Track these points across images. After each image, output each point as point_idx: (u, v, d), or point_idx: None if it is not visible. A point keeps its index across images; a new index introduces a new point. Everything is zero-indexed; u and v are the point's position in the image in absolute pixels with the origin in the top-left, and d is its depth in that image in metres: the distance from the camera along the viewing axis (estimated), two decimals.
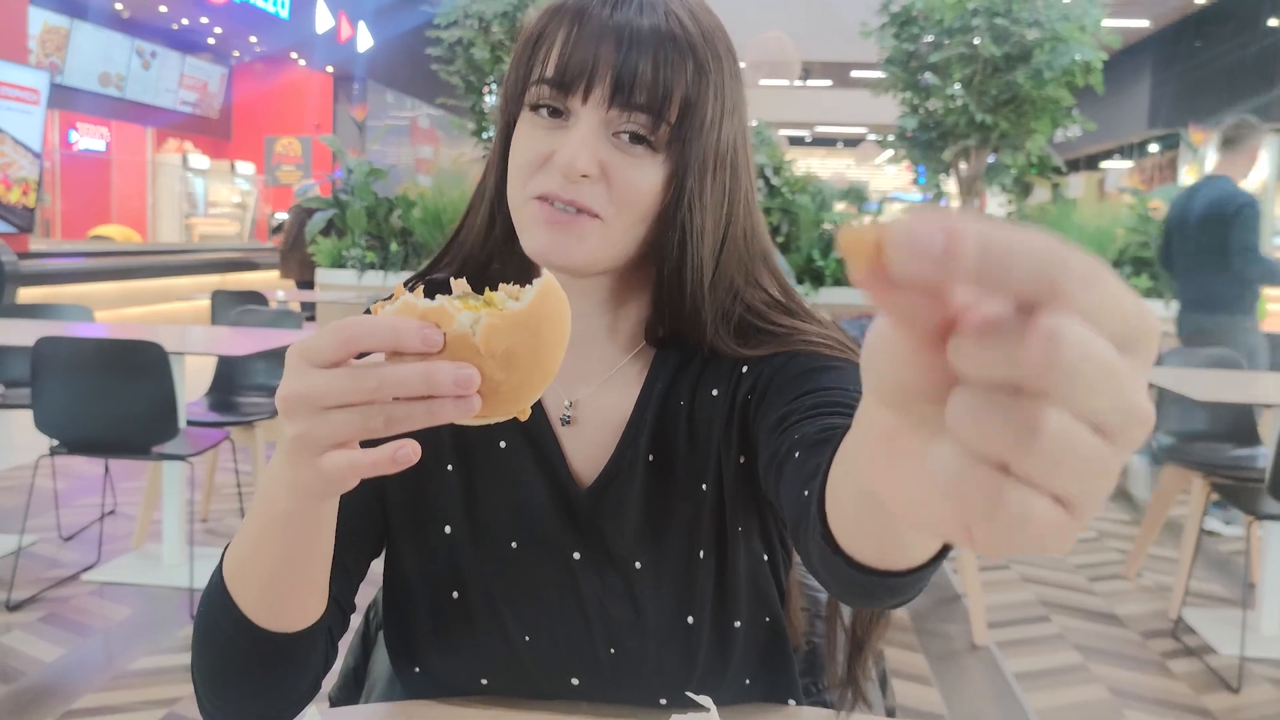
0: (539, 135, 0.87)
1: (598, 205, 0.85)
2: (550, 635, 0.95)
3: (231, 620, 0.78)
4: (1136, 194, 7.67)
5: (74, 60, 13.64)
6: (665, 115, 0.85)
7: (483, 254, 0.97)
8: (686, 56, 0.86)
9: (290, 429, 0.60)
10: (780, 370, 0.92)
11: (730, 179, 0.92)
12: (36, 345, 3.26)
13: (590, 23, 0.85)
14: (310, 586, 0.77)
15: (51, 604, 3.48)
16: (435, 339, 0.56)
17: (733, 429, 0.94)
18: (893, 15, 6.79)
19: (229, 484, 4.84)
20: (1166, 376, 3.79)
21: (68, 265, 9.23)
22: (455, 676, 0.97)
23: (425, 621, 0.97)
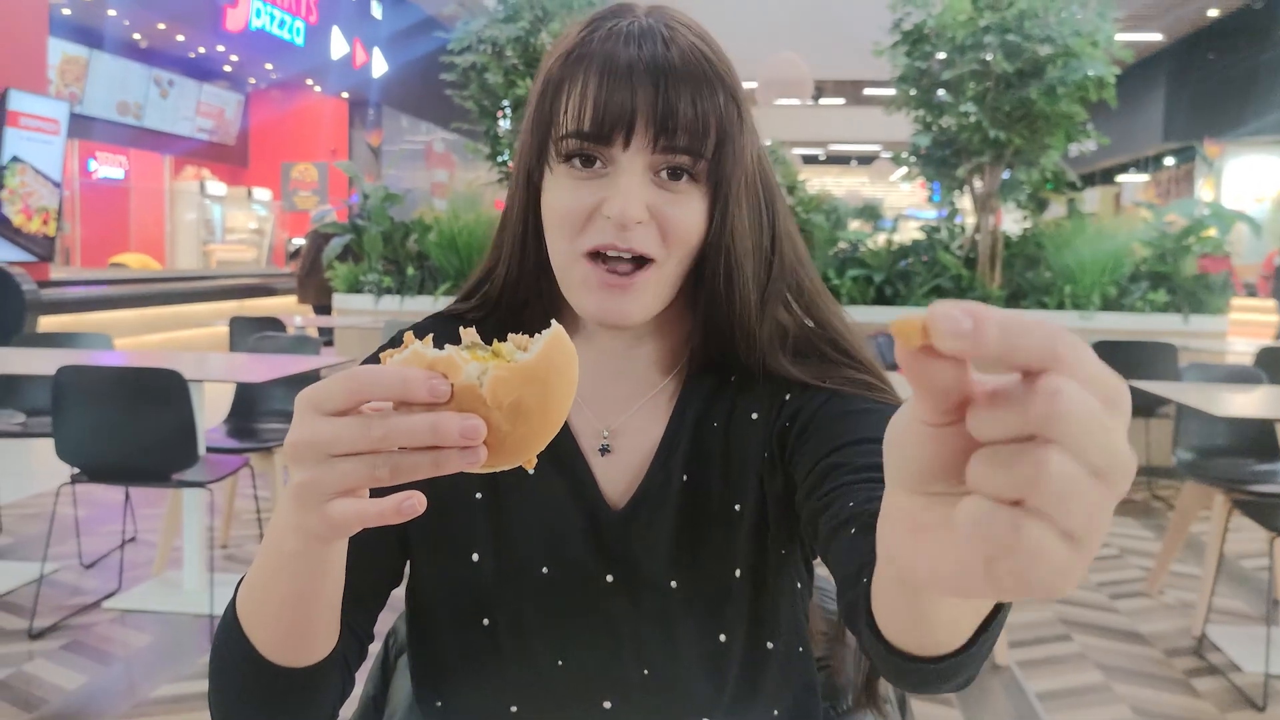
0: (577, 188, 0.86)
1: (651, 249, 0.86)
2: (582, 660, 0.94)
3: (245, 655, 0.78)
4: (1153, 208, 7.65)
5: (93, 90, 13.79)
6: (703, 150, 0.85)
7: (516, 300, 0.98)
8: (717, 87, 0.86)
9: (298, 475, 0.60)
10: (823, 407, 0.92)
11: (765, 194, 0.93)
12: (58, 374, 3.29)
13: (618, 66, 0.84)
14: (320, 623, 0.78)
15: (73, 632, 3.50)
16: (443, 390, 0.57)
17: (774, 455, 0.95)
18: (904, 34, 6.79)
19: (248, 510, 4.86)
20: (1187, 392, 3.77)
21: (87, 293, 9.31)
22: (483, 706, 0.96)
23: (453, 651, 0.97)
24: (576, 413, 0.98)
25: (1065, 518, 0.37)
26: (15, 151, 8.31)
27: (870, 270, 7.00)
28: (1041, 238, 7.01)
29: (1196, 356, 5.80)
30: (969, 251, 7.09)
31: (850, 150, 27.67)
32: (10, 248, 8.36)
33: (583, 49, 0.87)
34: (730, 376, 0.98)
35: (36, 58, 8.81)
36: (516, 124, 7.09)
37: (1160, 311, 6.61)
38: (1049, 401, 0.37)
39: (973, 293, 6.70)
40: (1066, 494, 0.37)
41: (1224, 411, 3.47)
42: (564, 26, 6.63)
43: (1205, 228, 6.76)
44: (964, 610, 0.59)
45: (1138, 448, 6.13)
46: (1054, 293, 6.71)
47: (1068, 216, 7.17)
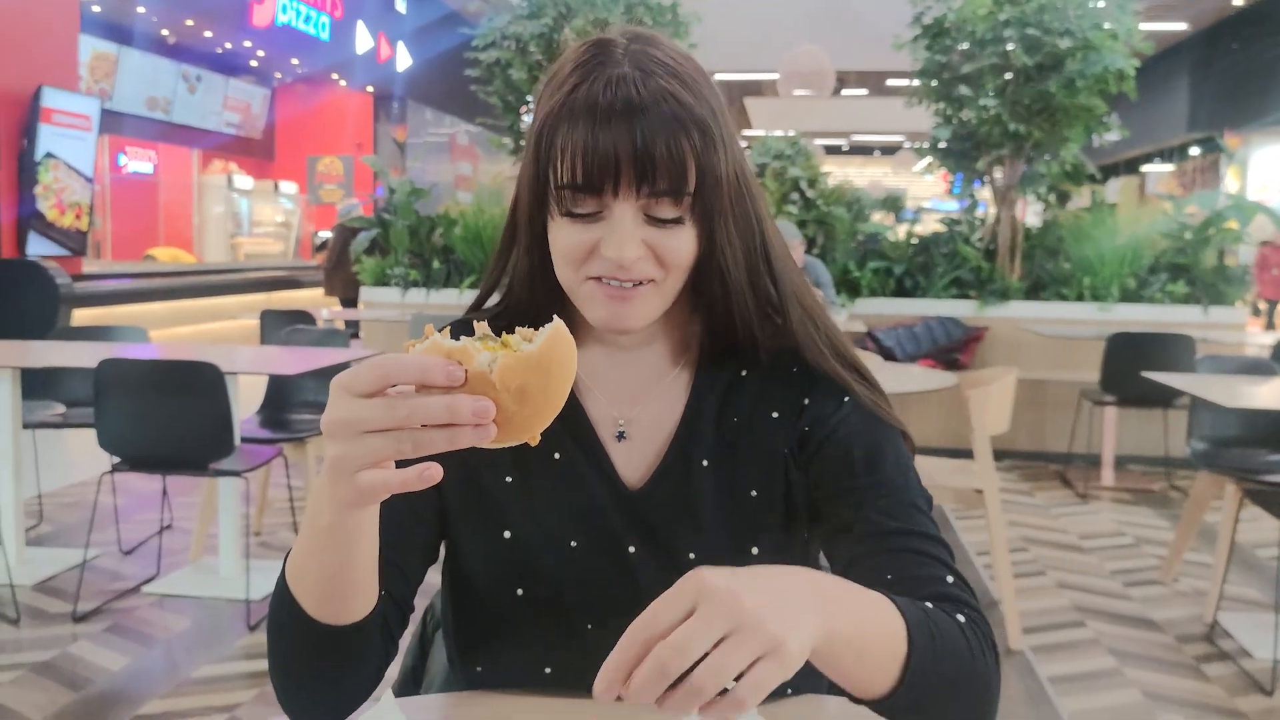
0: (578, 230, 0.96)
1: (650, 273, 0.96)
2: (609, 624, 1.03)
3: (294, 616, 0.89)
4: (1173, 200, 7.66)
5: (122, 86, 13.98)
6: (685, 190, 0.94)
7: (531, 308, 1.07)
8: (690, 127, 0.93)
9: (332, 450, 0.71)
10: (842, 423, 1.05)
11: (750, 205, 1.02)
12: (99, 367, 3.41)
13: (599, 122, 0.92)
14: (359, 584, 0.88)
15: (115, 615, 3.63)
16: (458, 375, 0.67)
17: (794, 452, 1.06)
18: (925, 28, 6.83)
19: (281, 499, 4.98)
20: (1199, 383, 3.83)
21: (119, 286, 9.47)
22: (520, 668, 1.06)
23: (490, 620, 1.06)
24: (593, 403, 1.08)
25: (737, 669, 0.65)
26: (48, 148, 8.46)
27: (890, 262, 7.05)
28: (1061, 230, 7.04)
29: (1215, 349, 5.84)
30: (989, 243, 7.13)
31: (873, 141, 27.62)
32: (44, 242, 8.51)
33: (570, 103, 0.94)
34: (741, 371, 1.08)
35: (68, 55, 8.96)
36: None
37: (1180, 303, 6.64)
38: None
39: (992, 284, 6.75)
40: (723, 670, 0.65)
41: (1236, 403, 3.53)
42: (586, 23, 6.73)
43: (1226, 219, 6.78)
44: (879, 665, 0.79)
45: (1154, 438, 6.19)
46: (1073, 284, 6.75)
47: (1090, 208, 7.20)
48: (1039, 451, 6.54)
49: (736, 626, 0.66)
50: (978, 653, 0.89)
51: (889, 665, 0.81)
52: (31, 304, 7.49)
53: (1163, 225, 6.97)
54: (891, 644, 0.81)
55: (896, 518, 0.99)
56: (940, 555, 0.98)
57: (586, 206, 0.95)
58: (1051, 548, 4.65)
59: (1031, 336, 6.50)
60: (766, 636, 0.66)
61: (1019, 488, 5.84)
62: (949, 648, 0.85)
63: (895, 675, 0.81)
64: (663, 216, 0.95)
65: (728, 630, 0.66)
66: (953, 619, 0.89)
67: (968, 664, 0.87)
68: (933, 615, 0.87)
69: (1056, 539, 4.80)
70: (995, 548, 3.52)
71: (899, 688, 0.81)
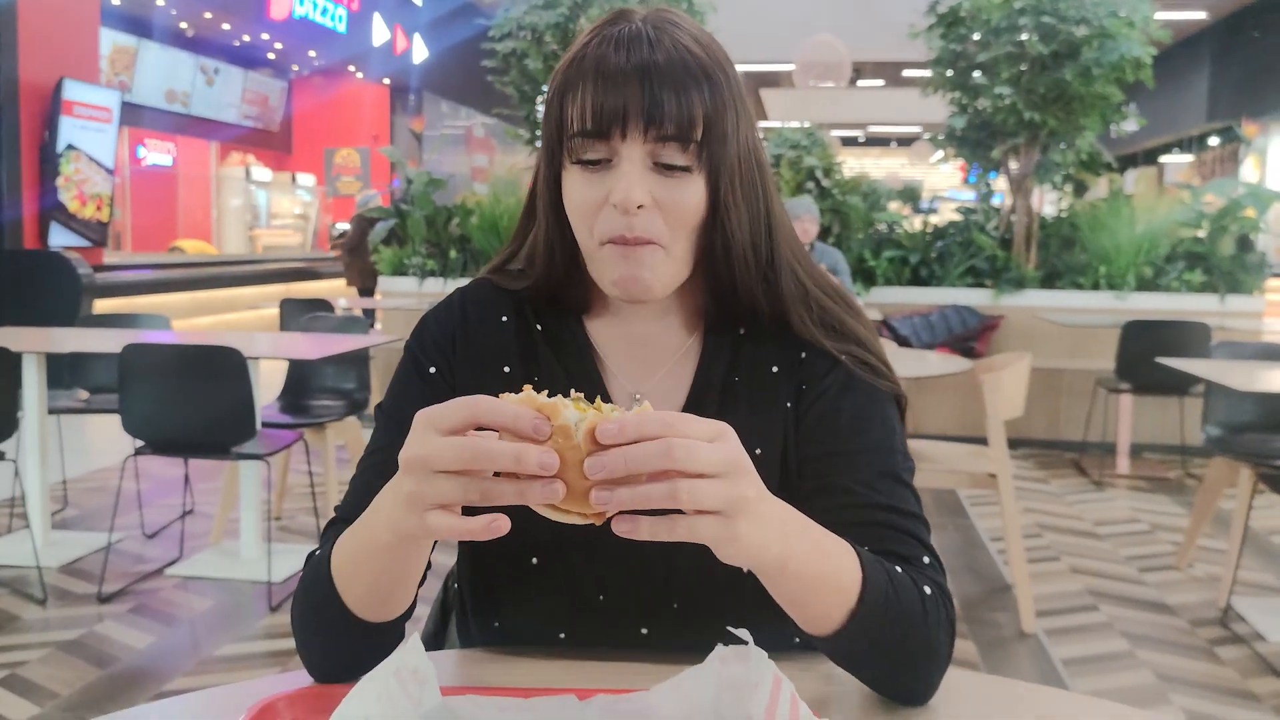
0: (589, 180, 0.98)
1: (656, 233, 0.98)
2: (621, 593, 1.06)
3: (332, 603, 0.93)
4: (1190, 189, 7.64)
5: (141, 78, 14.06)
6: (692, 135, 0.96)
7: (553, 278, 1.09)
8: (700, 80, 0.97)
9: (406, 485, 0.75)
10: (833, 384, 1.06)
11: (759, 174, 1.05)
12: (124, 352, 3.46)
13: (610, 70, 0.96)
14: (404, 591, 0.92)
15: (140, 596, 3.69)
16: (544, 429, 0.70)
17: (795, 407, 1.08)
18: (940, 17, 6.83)
19: (300, 484, 5.04)
20: (1213, 369, 3.84)
21: (140, 277, 9.55)
22: (535, 631, 1.09)
23: (505, 585, 1.09)
24: (611, 381, 1.11)
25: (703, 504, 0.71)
26: (70, 140, 8.53)
27: (906, 251, 7.06)
28: (1077, 219, 7.04)
29: (1232, 336, 5.83)
30: (1004, 233, 7.13)
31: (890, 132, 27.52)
32: (66, 233, 8.59)
33: (582, 55, 0.99)
34: (740, 329, 1.10)
35: (89, 48, 9.02)
36: None
37: (1196, 292, 6.63)
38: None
39: (1008, 273, 6.75)
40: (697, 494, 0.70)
41: (1252, 387, 3.54)
42: (602, 12, 6.74)
43: (1242, 208, 6.77)
44: (824, 607, 0.86)
45: (1170, 426, 6.19)
46: (1089, 274, 6.75)
47: (1108, 197, 7.19)
48: (1055, 440, 6.55)
49: (730, 477, 0.73)
50: (933, 624, 0.92)
51: (838, 606, 0.86)
52: (54, 294, 7.57)
53: (1180, 214, 6.97)
54: (845, 585, 0.86)
55: (877, 490, 1.01)
56: (918, 532, 1.00)
57: (596, 152, 0.97)
58: (1066, 534, 4.67)
59: (1047, 325, 6.50)
60: (740, 506, 0.73)
61: (1035, 475, 5.85)
62: (903, 609, 0.90)
63: (842, 617, 0.87)
64: (670, 162, 0.97)
65: (724, 472, 0.72)
66: (918, 588, 0.93)
67: (920, 632, 0.91)
68: (896, 578, 0.91)
69: (1071, 525, 4.82)
70: (1009, 532, 3.54)
71: (844, 629, 0.87)
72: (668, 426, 0.70)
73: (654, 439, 0.70)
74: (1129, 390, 5.57)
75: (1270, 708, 2.97)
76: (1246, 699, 3.03)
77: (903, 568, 0.96)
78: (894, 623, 0.89)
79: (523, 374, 1.10)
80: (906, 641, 0.90)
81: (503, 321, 1.12)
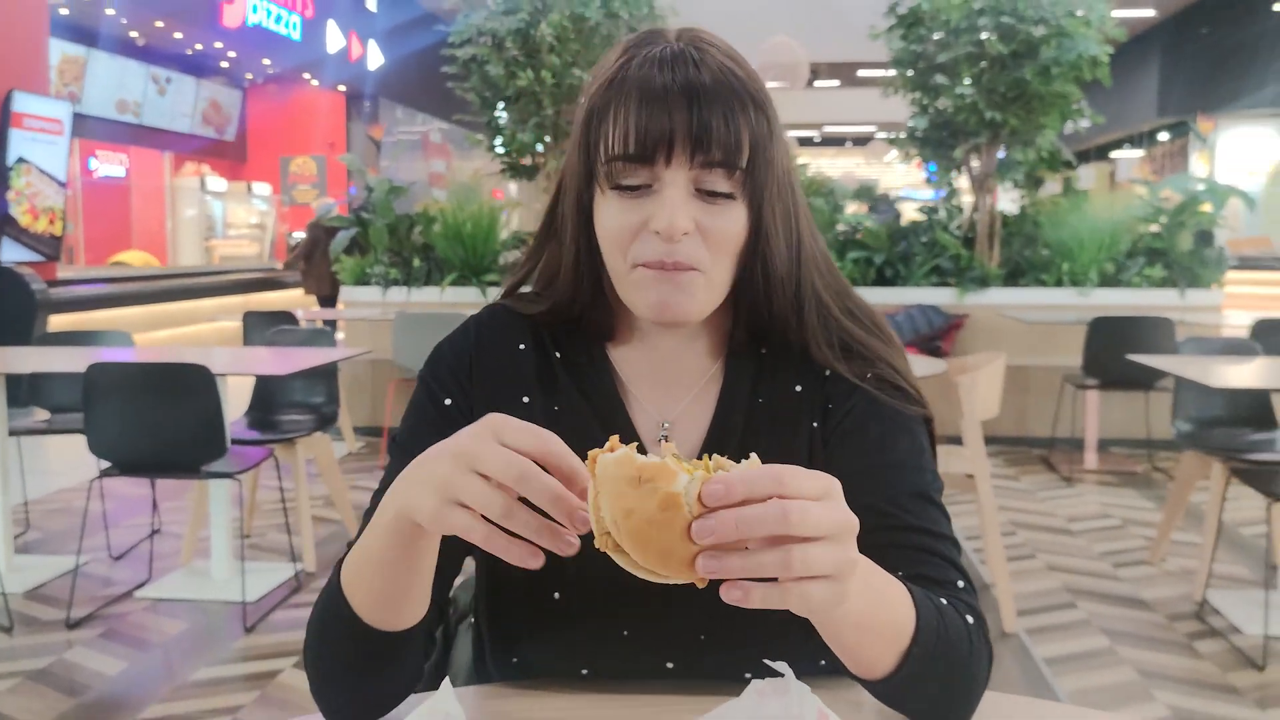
0: (627, 205, 0.94)
1: (697, 259, 0.94)
2: (646, 627, 1.03)
3: (344, 617, 0.89)
4: (1148, 185, 7.73)
5: (91, 89, 13.83)
6: (738, 162, 0.93)
7: (577, 305, 1.06)
8: (747, 102, 0.94)
9: (441, 469, 0.73)
10: (859, 403, 1.04)
11: (791, 199, 1.02)
12: (89, 371, 3.38)
13: (654, 90, 0.92)
14: (416, 596, 0.89)
15: (109, 620, 3.61)
16: (582, 522, 0.70)
17: (821, 427, 1.05)
18: (900, 18, 6.86)
19: (269, 500, 4.97)
20: (1183, 365, 3.87)
21: (94, 291, 9.39)
22: (556, 668, 1.05)
23: (527, 621, 1.05)
24: (637, 408, 1.07)
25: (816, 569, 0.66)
26: (20, 152, 8.38)
27: (871, 252, 7.09)
28: (1039, 216, 7.10)
29: (1193, 330, 5.91)
30: (967, 231, 7.18)
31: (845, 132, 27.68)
32: (18, 248, 8.44)
33: (621, 76, 0.94)
34: (761, 349, 1.08)
35: (38, 59, 8.87)
36: (516, 115, 7.16)
37: (1157, 287, 6.70)
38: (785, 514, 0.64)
39: (972, 271, 6.79)
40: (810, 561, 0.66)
41: (1221, 383, 3.58)
42: (563, 18, 6.73)
43: (1200, 203, 6.85)
44: (880, 652, 0.83)
45: (1137, 421, 6.25)
46: (1052, 270, 6.81)
47: (1063, 194, 7.25)
48: (1023, 436, 6.59)
49: (841, 540, 0.68)
50: (975, 658, 0.91)
51: (892, 650, 0.84)
52: (7, 311, 7.43)
53: (1138, 210, 7.05)
54: (899, 629, 0.84)
55: (909, 510, 0.99)
56: (950, 555, 0.99)
57: (637, 178, 0.93)
58: (1040, 531, 4.70)
59: (1011, 323, 6.55)
60: (849, 569, 0.69)
61: (1005, 473, 5.88)
62: (951, 645, 0.88)
63: (895, 660, 0.84)
64: (715, 189, 0.93)
65: (834, 534, 0.68)
66: (963, 619, 0.91)
67: (964, 663, 0.90)
68: (945, 613, 0.89)
69: (1044, 522, 4.85)
70: (987, 532, 3.55)
71: (896, 672, 0.84)
72: (779, 484, 0.66)
73: (764, 499, 0.65)
74: (1096, 386, 5.62)
75: (1252, 700, 3.00)
76: (1227, 692, 3.05)
77: (939, 594, 0.94)
78: (942, 660, 0.87)
79: (543, 403, 1.06)
80: (951, 676, 0.89)
81: (520, 349, 1.09)
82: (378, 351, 5.95)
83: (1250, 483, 3.48)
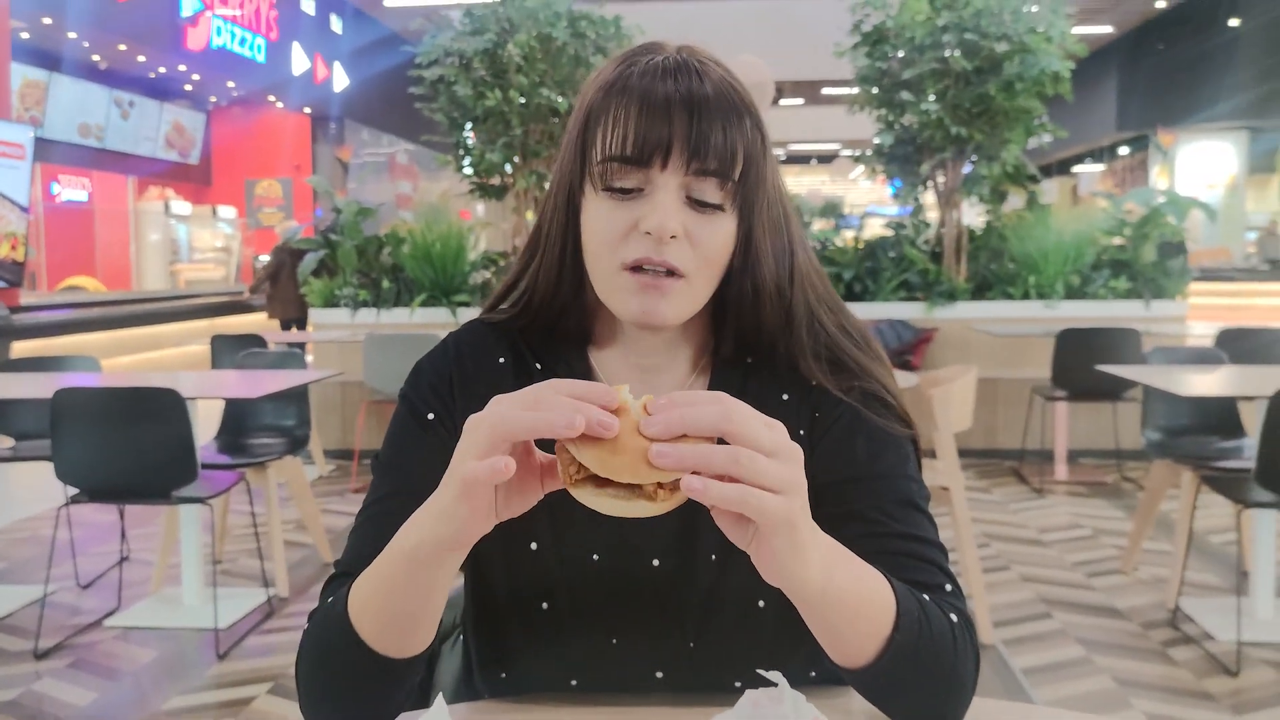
0: (616, 207, 0.95)
1: (684, 265, 0.95)
2: (635, 636, 1.03)
3: (350, 643, 0.88)
4: (1110, 198, 7.84)
5: (54, 113, 13.70)
6: (731, 173, 0.94)
7: (555, 306, 1.06)
8: (744, 116, 0.95)
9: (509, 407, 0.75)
10: (846, 412, 1.04)
11: (782, 214, 1.03)
12: (55, 397, 3.34)
13: (656, 96, 0.93)
14: (424, 628, 0.89)
15: (78, 650, 3.55)
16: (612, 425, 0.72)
17: (807, 435, 1.05)
18: (865, 35, 6.93)
19: (240, 524, 4.91)
20: (1152, 375, 3.91)
21: (58, 317, 9.27)
22: (544, 679, 1.05)
23: (516, 631, 1.05)
24: None
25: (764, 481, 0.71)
26: None
27: (840, 267, 7.12)
28: (1005, 230, 7.17)
29: (1159, 340, 5.97)
30: (935, 246, 7.24)
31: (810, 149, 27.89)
32: None
33: (623, 82, 0.96)
34: (748, 359, 1.08)
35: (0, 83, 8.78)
36: (484, 135, 7.16)
37: (1122, 298, 6.78)
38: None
39: (939, 286, 6.84)
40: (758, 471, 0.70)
41: (1190, 391, 3.62)
42: (530, 38, 6.74)
43: (1163, 215, 6.95)
44: (862, 637, 0.84)
45: (1105, 432, 6.31)
46: (1018, 283, 6.87)
47: (1027, 208, 7.33)
48: (993, 449, 6.63)
49: (789, 461, 0.74)
50: (961, 656, 0.91)
51: (874, 636, 0.84)
52: None
53: (1103, 223, 7.14)
54: (880, 615, 0.84)
55: (896, 517, 0.99)
56: (938, 560, 0.99)
57: (630, 180, 0.94)
58: (1013, 542, 4.72)
59: (980, 336, 6.60)
60: (798, 489, 0.75)
61: (976, 485, 5.91)
62: (934, 639, 0.88)
63: (877, 648, 0.85)
64: (705, 199, 0.95)
65: (781, 455, 0.73)
66: (947, 617, 0.92)
67: (949, 660, 0.89)
68: (927, 607, 0.90)
69: (1017, 534, 4.88)
70: (962, 544, 3.57)
71: (878, 660, 0.85)
72: (719, 401, 0.73)
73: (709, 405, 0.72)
74: (1064, 398, 5.67)
75: (1227, 706, 3.02)
76: (1203, 699, 3.07)
77: (928, 596, 0.94)
78: (926, 653, 0.87)
79: None
80: (936, 672, 0.89)
81: (500, 363, 1.09)
82: (348, 374, 5.90)
83: (1220, 490, 3.52)
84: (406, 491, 0.99)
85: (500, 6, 7.02)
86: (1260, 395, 3.32)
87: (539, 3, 6.93)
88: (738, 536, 0.77)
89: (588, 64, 6.97)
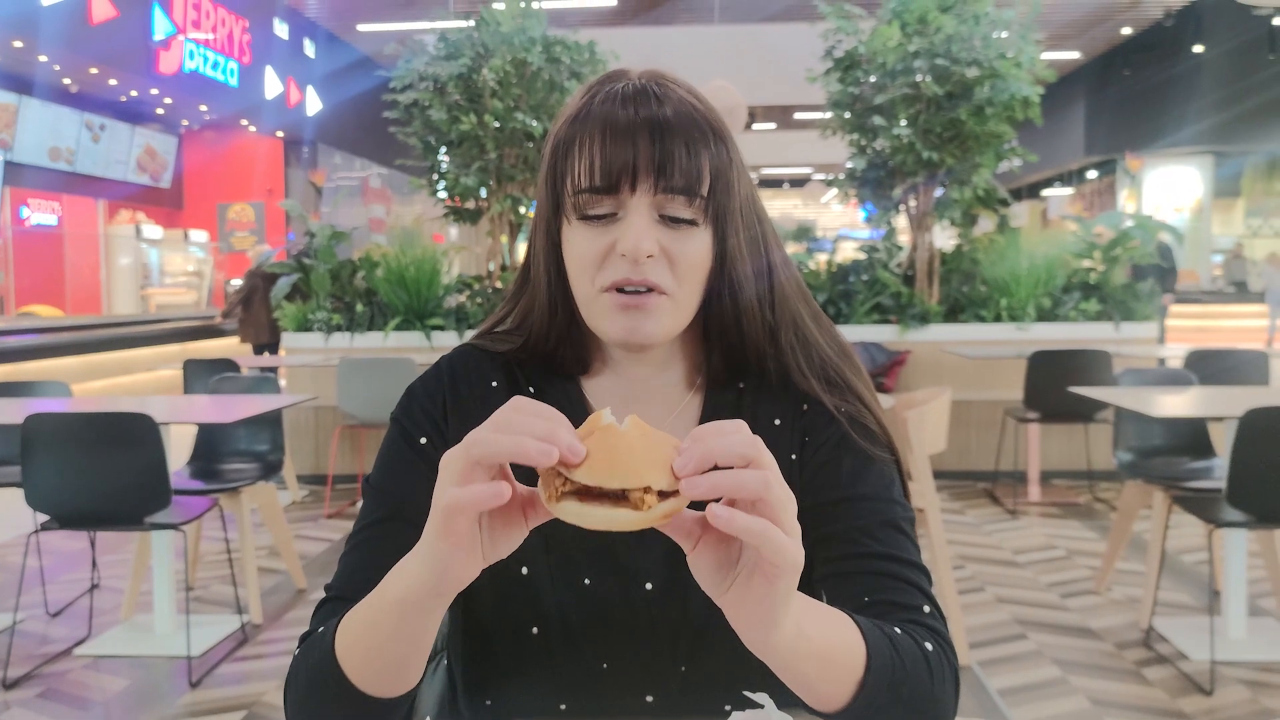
0: (593, 234, 0.97)
1: (664, 282, 0.97)
2: (625, 661, 1.03)
3: (337, 682, 0.87)
4: (1080, 221, 7.93)
5: (23, 136, 13.60)
6: (699, 190, 0.96)
7: (551, 338, 1.07)
8: (707, 133, 0.97)
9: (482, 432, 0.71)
10: (833, 434, 1.05)
11: (759, 227, 1.05)
12: (26, 422, 3.31)
13: (618, 123, 0.95)
14: (412, 670, 0.87)
15: (47, 680, 3.50)
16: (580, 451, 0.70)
17: (799, 460, 1.06)
18: (836, 61, 6.99)
19: (212, 550, 4.86)
20: (1124, 396, 3.95)
21: (28, 342, 9.18)
22: (534, 705, 1.04)
23: (504, 657, 1.04)
24: None
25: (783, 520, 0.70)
26: None
27: (813, 291, 7.16)
28: (976, 253, 7.23)
29: (1130, 362, 6.03)
30: (907, 269, 7.29)
31: (782, 174, 28.06)
32: None
33: (586, 112, 0.98)
34: (739, 383, 1.09)
35: None
36: (459, 159, 7.17)
37: (1093, 320, 6.85)
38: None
39: (912, 309, 6.89)
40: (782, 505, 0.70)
41: (1161, 412, 3.66)
42: (504, 63, 6.76)
43: (1131, 238, 7.04)
44: (835, 681, 0.83)
45: (1078, 453, 6.35)
46: (990, 306, 6.93)
47: (998, 231, 7.40)
48: (966, 470, 6.67)
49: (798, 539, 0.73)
50: (939, 682, 0.91)
51: (846, 681, 0.84)
52: None
53: (1073, 246, 7.22)
54: (850, 660, 0.84)
55: (878, 538, 1.00)
56: (919, 582, 0.99)
57: (602, 207, 0.96)
58: (987, 564, 4.74)
59: (953, 358, 6.65)
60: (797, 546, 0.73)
61: (950, 506, 5.94)
62: (908, 672, 0.88)
63: (850, 692, 0.84)
64: (677, 215, 0.96)
65: (793, 533, 0.72)
66: (920, 646, 0.91)
67: (926, 691, 0.89)
68: (897, 640, 0.89)
69: (991, 555, 4.90)
70: (938, 565, 3.58)
71: (853, 703, 0.84)
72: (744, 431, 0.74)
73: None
74: (1037, 419, 5.71)
75: None
76: (1177, 718, 3.09)
77: (904, 618, 0.95)
78: (901, 687, 0.87)
79: None
80: (914, 704, 0.89)
81: (493, 386, 1.09)
82: (321, 398, 5.86)
83: (1191, 510, 3.55)
84: (397, 515, 0.99)
85: (475, 31, 7.04)
86: (1230, 415, 3.36)
87: (514, 28, 6.96)
88: (714, 584, 0.75)
89: (562, 89, 7.00)
